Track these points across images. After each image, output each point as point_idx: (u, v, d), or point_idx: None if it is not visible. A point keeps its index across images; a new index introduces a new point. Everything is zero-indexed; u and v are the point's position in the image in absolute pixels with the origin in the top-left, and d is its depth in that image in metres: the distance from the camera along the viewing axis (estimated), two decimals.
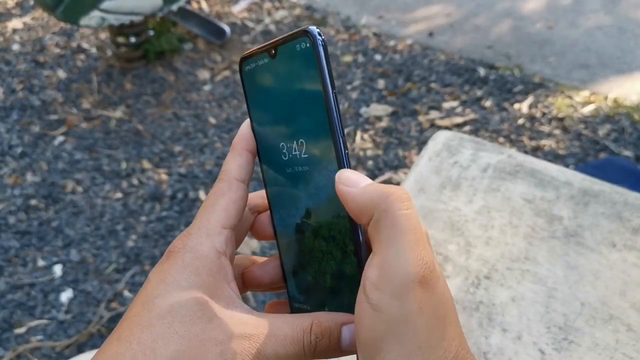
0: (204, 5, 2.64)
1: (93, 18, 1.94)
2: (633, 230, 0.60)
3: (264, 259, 0.33)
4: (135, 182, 1.80)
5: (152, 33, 2.28)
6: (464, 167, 0.68)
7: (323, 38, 0.27)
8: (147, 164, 1.86)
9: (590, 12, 2.44)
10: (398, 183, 1.71)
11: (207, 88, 2.18)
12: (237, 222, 0.30)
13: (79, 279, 1.51)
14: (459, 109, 1.99)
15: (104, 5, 1.93)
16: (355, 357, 0.26)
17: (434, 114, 1.98)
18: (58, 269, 1.54)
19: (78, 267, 1.54)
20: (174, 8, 2.15)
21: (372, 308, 0.23)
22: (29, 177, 1.83)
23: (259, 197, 0.34)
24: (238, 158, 0.31)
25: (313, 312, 0.29)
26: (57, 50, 2.40)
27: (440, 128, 1.90)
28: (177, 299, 0.26)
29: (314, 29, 0.27)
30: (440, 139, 0.73)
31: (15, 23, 2.59)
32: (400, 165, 1.79)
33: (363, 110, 2.02)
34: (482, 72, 2.15)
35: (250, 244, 1.55)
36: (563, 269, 0.56)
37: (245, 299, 1.42)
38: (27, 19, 2.61)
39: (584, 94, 2.01)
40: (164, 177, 1.81)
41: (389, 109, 2.01)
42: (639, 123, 1.87)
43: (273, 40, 0.29)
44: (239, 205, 0.30)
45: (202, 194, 1.74)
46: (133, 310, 0.26)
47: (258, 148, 0.32)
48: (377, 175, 1.76)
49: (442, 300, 0.24)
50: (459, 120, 1.93)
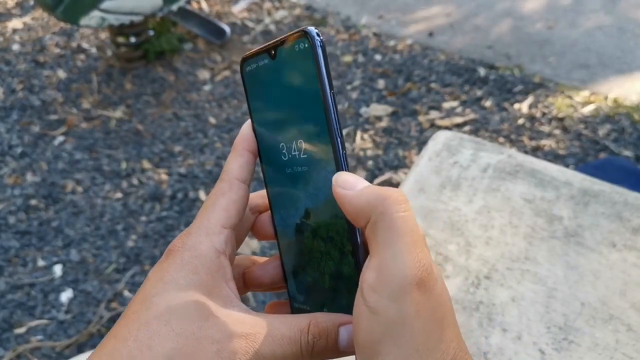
0: (204, 5, 2.64)
1: (93, 18, 1.94)
2: (633, 230, 0.60)
3: (265, 259, 0.33)
4: (135, 182, 1.80)
5: (152, 33, 2.28)
6: (464, 167, 0.68)
7: (322, 39, 0.27)
8: (147, 164, 1.86)
9: (590, 12, 2.44)
10: (398, 183, 1.71)
11: (207, 88, 2.18)
12: (237, 222, 0.30)
13: (79, 279, 1.51)
14: (459, 109, 1.99)
15: (104, 5, 1.93)
16: (354, 358, 0.26)
17: (434, 114, 1.98)
18: (58, 269, 1.54)
19: (78, 267, 1.54)
20: (174, 8, 2.15)
21: (369, 311, 0.23)
22: (29, 177, 1.83)
23: (260, 197, 0.34)
24: (239, 158, 0.31)
25: (312, 312, 0.29)
26: (57, 50, 2.40)
27: (440, 128, 1.90)
28: (174, 298, 0.26)
29: (313, 30, 0.27)
30: (440, 139, 0.73)
31: (15, 23, 2.59)
32: (400, 165, 1.79)
33: (363, 110, 2.02)
34: (482, 72, 2.15)
35: (250, 244, 1.55)
36: (563, 269, 0.56)
37: (245, 299, 1.42)
38: (27, 19, 2.61)
39: (584, 94, 2.01)
40: (164, 177, 1.81)
41: (389, 109, 2.01)
42: (639, 123, 1.87)
43: (273, 41, 0.29)
44: (240, 205, 0.30)
45: (202, 194, 1.74)
46: (131, 309, 0.26)
47: (259, 148, 0.32)
48: (377, 175, 1.76)
49: (439, 303, 0.24)
50: (459, 120, 1.93)
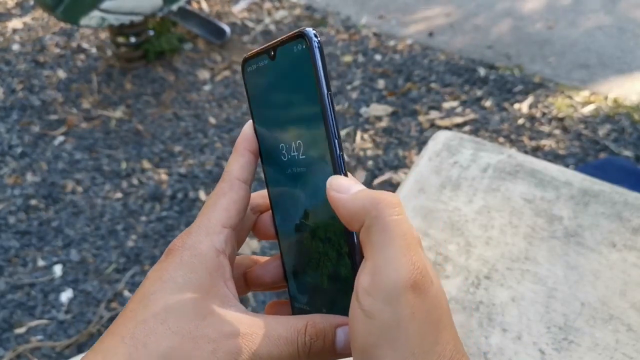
0: (204, 5, 2.64)
1: (93, 18, 1.94)
2: (633, 230, 0.60)
3: (266, 259, 0.33)
4: (135, 182, 1.80)
5: (152, 33, 2.28)
6: (464, 167, 0.68)
7: (319, 40, 0.27)
8: (147, 164, 1.86)
9: (590, 12, 2.44)
10: (398, 183, 1.71)
11: (207, 88, 2.18)
12: (238, 221, 0.30)
13: (79, 279, 1.51)
14: (459, 109, 1.99)
15: (104, 5, 1.93)
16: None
17: (434, 114, 1.97)
18: (58, 269, 1.54)
19: (78, 267, 1.54)
20: (174, 8, 2.15)
21: (364, 314, 0.23)
22: (29, 177, 1.83)
23: (261, 196, 0.34)
24: (240, 159, 0.31)
25: (312, 313, 0.29)
26: (57, 50, 2.40)
27: (440, 128, 1.90)
28: (172, 296, 0.26)
29: (310, 31, 0.27)
30: (440, 139, 0.73)
31: (15, 23, 2.59)
32: (400, 165, 1.79)
33: (363, 110, 2.02)
34: (482, 72, 2.15)
35: (251, 244, 1.55)
36: (563, 269, 0.56)
37: (245, 299, 1.42)
38: (27, 19, 2.61)
39: (584, 94, 2.01)
40: (164, 177, 1.81)
41: (389, 109, 2.01)
42: (639, 123, 1.87)
43: (273, 42, 0.29)
44: (240, 205, 0.30)
45: (202, 194, 1.74)
46: (130, 307, 0.26)
47: (260, 148, 0.32)
48: (377, 175, 1.76)
49: (435, 305, 0.24)
50: (459, 120, 1.93)
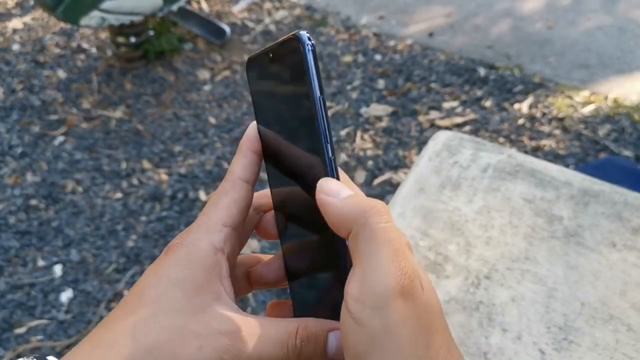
0: (204, 5, 2.64)
1: (93, 18, 1.94)
2: (633, 230, 0.60)
3: (270, 257, 0.33)
4: (135, 182, 1.80)
5: (152, 33, 2.28)
6: (464, 167, 0.68)
7: (312, 43, 0.27)
8: (147, 164, 1.86)
9: (590, 12, 2.44)
10: (398, 183, 1.71)
11: (207, 88, 2.18)
12: (239, 220, 0.30)
13: (79, 279, 1.51)
14: (459, 109, 1.99)
15: (104, 5, 1.93)
16: None
17: (434, 114, 1.98)
18: (58, 269, 1.54)
19: (78, 267, 1.54)
20: (174, 8, 2.15)
21: (355, 322, 0.23)
22: (29, 177, 1.83)
23: (265, 196, 0.34)
24: (243, 159, 0.31)
25: (310, 315, 0.29)
26: (57, 50, 2.40)
27: (440, 128, 1.90)
28: (165, 291, 0.26)
29: (304, 34, 0.27)
30: (440, 139, 0.73)
31: (15, 23, 2.59)
32: (400, 165, 1.79)
33: (363, 110, 2.02)
34: (482, 72, 2.15)
35: (251, 244, 1.55)
36: (563, 269, 0.56)
37: (246, 300, 1.42)
38: (27, 19, 2.61)
39: (584, 94, 2.01)
40: (164, 177, 1.81)
41: (389, 109, 2.01)
42: (639, 123, 1.87)
43: (272, 44, 0.29)
44: (242, 205, 0.30)
45: (202, 194, 1.74)
46: (124, 300, 0.27)
47: (263, 149, 0.32)
48: (377, 175, 1.76)
49: (426, 310, 0.24)
50: (459, 120, 1.93)
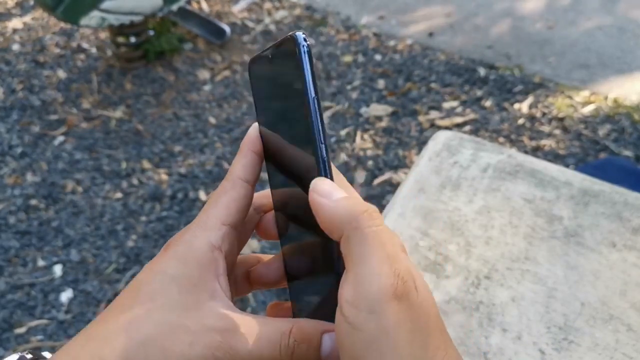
0: (204, 5, 2.63)
1: (93, 18, 1.94)
2: (633, 230, 0.60)
3: (270, 257, 0.33)
4: (135, 182, 1.80)
5: (152, 33, 2.28)
6: (464, 167, 0.68)
7: (307, 44, 0.27)
8: (147, 164, 1.86)
9: (590, 12, 2.44)
10: (398, 183, 1.71)
11: (207, 88, 2.18)
12: (238, 219, 0.30)
13: (79, 279, 1.51)
14: (459, 109, 1.99)
15: (104, 5, 1.93)
16: None
17: (434, 114, 1.97)
18: (58, 269, 1.54)
19: (78, 267, 1.54)
20: (174, 8, 2.15)
21: (350, 327, 0.23)
22: (29, 177, 1.83)
23: (266, 196, 0.34)
24: (243, 159, 0.31)
25: (307, 316, 0.29)
26: (57, 50, 2.40)
27: (440, 128, 1.90)
28: (160, 287, 0.26)
29: (300, 35, 0.27)
30: (440, 139, 0.73)
31: (15, 23, 2.59)
32: (400, 165, 1.79)
33: (363, 110, 2.02)
34: (482, 72, 2.15)
35: (251, 244, 1.55)
36: (563, 269, 0.56)
37: (246, 299, 1.42)
38: (27, 19, 2.61)
39: (584, 94, 2.01)
40: (164, 177, 1.81)
41: (389, 109, 2.01)
42: (639, 123, 1.87)
43: (272, 44, 0.29)
44: (241, 204, 0.30)
45: (202, 194, 1.74)
46: (120, 295, 0.27)
47: (264, 149, 0.32)
48: (377, 175, 1.76)
49: (421, 311, 0.24)
50: (459, 120, 1.93)
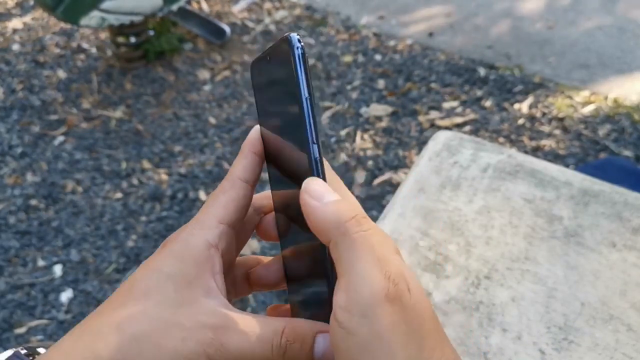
0: (204, 5, 2.64)
1: (93, 18, 1.94)
2: (633, 230, 0.60)
3: (270, 259, 0.33)
4: (135, 182, 1.80)
5: (152, 33, 2.28)
6: (464, 167, 0.68)
7: (302, 45, 0.27)
8: (147, 164, 1.86)
9: (590, 12, 2.44)
10: (398, 183, 1.71)
11: (207, 88, 2.18)
12: (236, 219, 0.30)
13: (79, 279, 1.51)
14: (459, 109, 1.99)
15: (104, 5, 1.93)
16: None
17: (434, 114, 1.97)
18: (58, 269, 1.54)
19: (78, 267, 1.54)
20: (174, 8, 2.15)
21: (344, 332, 0.23)
22: (29, 177, 1.83)
23: (267, 197, 0.34)
24: (243, 160, 0.31)
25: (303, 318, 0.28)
26: (57, 50, 2.40)
27: (440, 128, 1.90)
28: (155, 284, 0.27)
29: (294, 36, 0.27)
30: (440, 139, 0.73)
31: (15, 23, 2.59)
32: (400, 165, 1.79)
33: (363, 110, 2.02)
34: (482, 72, 2.15)
35: (251, 244, 1.55)
36: (563, 269, 0.56)
37: (246, 300, 1.42)
38: (27, 19, 2.61)
39: (584, 94, 2.01)
40: (164, 177, 1.81)
41: (389, 109, 2.01)
42: (639, 123, 1.87)
43: (270, 45, 0.30)
44: (239, 203, 0.30)
45: (202, 194, 1.74)
46: (115, 292, 0.27)
47: (265, 150, 0.32)
48: (377, 175, 1.76)
49: (415, 313, 0.23)
50: (459, 120, 1.93)
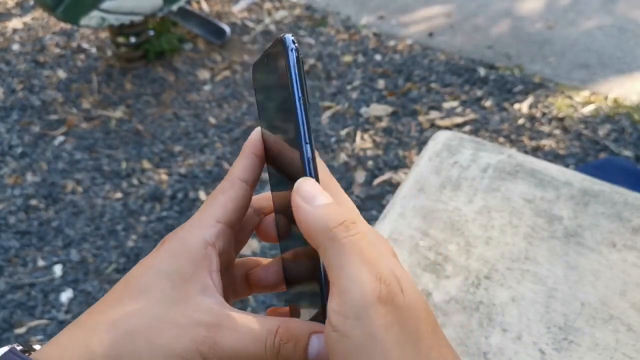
0: (204, 5, 2.64)
1: (93, 18, 1.94)
2: (633, 230, 0.60)
3: (269, 261, 0.34)
4: (135, 182, 1.80)
5: (152, 33, 2.28)
6: (464, 167, 0.68)
7: (296, 46, 0.27)
8: (147, 164, 1.86)
9: (590, 12, 2.44)
10: (398, 183, 1.71)
11: (207, 88, 2.18)
12: (234, 218, 0.30)
13: (79, 279, 1.51)
14: (459, 109, 1.99)
15: (104, 5, 1.93)
16: None
17: (434, 114, 1.97)
18: (58, 269, 1.54)
19: (78, 267, 1.54)
20: (174, 8, 2.15)
21: (339, 335, 0.23)
22: (29, 177, 1.83)
23: (267, 199, 0.34)
24: (244, 160, 0.31)
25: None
26: (57, 50, 2.40)
27: (440, 128, 1.90)
28: (151, 281, 0.27)
29: (288, 37, 0.27)
30: (440, 139, 0.73)
31: (15, 23, 2.59)
32: (400, 165, 1.79)
33: (363, 110, 2.02)
34: (482, 72, 2.15)
35: (251, 244, 1.55)
36: (563, 269, 0.56)
37: (246, 300, 1.42)
38: (27, 19, 2.61)
39: (584, 94, 2.01)
40: (164, 177, 1.81)
41: (389, 109, 2.01)
42: (639, 123, 1.87)
43: (267, 47, 0.30)
44: (238, 203, 0.30)
45: (202, 194, 1.74)
46: (112, 289, 0.28)
47: (265, 152, 0.32)
48: (377, 175, 1.76)
49: (409, 313, 0.23)
50: (459, 120, 1.93)
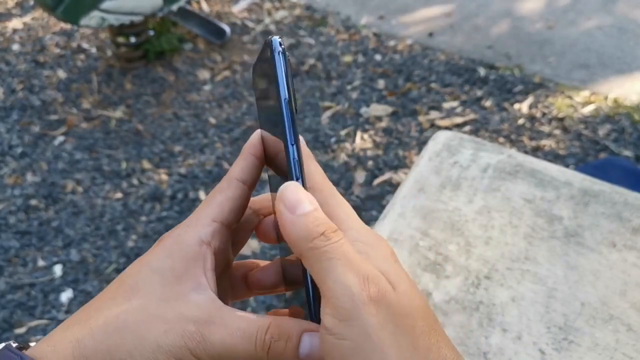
0: (204, 5, 2.64)
1: (93, 18, 1.94)
2: (633, 230, 0.60)
3: (267, 263, 0.34)
4: (135, 182, 1.80)
5: (152, 33, 2.28)
6: (464, 167, 0.68)
7: (282, 48, 0.27)
8: (147, 164, 1.86)
9: (590, 12, 2.44)
10: (398, 183, 1.71)
11: (207, 88, 2.18)
12: (231, 218, 0.30)
13: (79, 279, 1.51)
14: (459, 109, 1.99)
15: (104, 5, 1.93)
16: None
17: (434, 114, 1.97)
18: (58, 269, 1.54)
19: (78, 267, 1.54)
20: (174, 8, 2.15)
21: (334, 338, 0.23)
22: (29, 177, 1.83)
23: (266, 200, 0.34)
24: (242, 161, 0.31)
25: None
26: (57, 50, 2.40)
27: (440, 128, 1.90)
28: (144, 278, 0.27)
29: (275, 39, 0.27)
30: (440, 139, 0.73)
31: (15, 23, 2.59)
32: (400, 165, 1.79)
33: (363, 110, 2.02)
34: (482, 72, 2.15)
35: (251, 244, 1.55)
36: (563, 269, 0.56)
37: (246, 300, 1.42)
38: (27, 19, 2.61)
39: (584, 94, 2.01)
40: (164, 177, 1.81)
41: (389, 109, 2.01)
42: (639, 123, 1.87)
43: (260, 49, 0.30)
44: (235, 203, 0.30)
45: (202, 194, 1.74)
46: (106, 288, 0.28)
47: (265, 154, 0.32)
48: (377, 175, 1.76)
49: (404, 311, 0.23)
50: (459, 121, 1.93)
